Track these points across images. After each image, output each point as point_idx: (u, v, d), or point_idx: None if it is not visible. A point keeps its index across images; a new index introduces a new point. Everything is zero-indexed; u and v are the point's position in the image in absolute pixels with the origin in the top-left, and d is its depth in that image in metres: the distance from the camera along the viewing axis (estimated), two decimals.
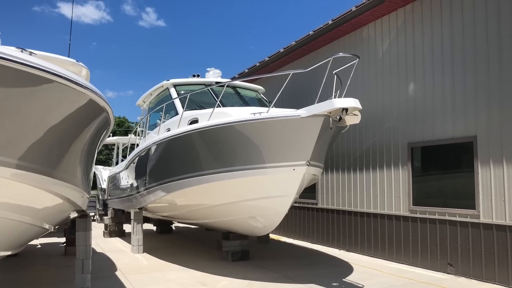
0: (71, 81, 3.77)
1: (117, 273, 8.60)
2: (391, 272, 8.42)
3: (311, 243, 12.18)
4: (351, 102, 6.54)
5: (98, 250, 11.70)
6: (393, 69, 9.67)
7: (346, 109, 6.60)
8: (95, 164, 24.52)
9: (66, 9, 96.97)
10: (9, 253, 5.53)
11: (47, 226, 5.87)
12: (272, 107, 7.67)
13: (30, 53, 4.60)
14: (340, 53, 7.11)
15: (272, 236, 13.26)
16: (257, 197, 7.97)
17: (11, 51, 3.15)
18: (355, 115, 7.03)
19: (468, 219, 7.82)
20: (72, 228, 10.55)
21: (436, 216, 8.44)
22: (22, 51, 3.73)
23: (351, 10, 10.00)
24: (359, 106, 6.66)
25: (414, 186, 9.04)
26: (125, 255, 10.79)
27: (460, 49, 8.15)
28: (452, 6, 8.36)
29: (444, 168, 8.58)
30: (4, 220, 4.45)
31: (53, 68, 3.56)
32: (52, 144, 4.33)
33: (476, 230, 7.69)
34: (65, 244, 11.08)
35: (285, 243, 12.60)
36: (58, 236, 13.34)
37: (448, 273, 8.14)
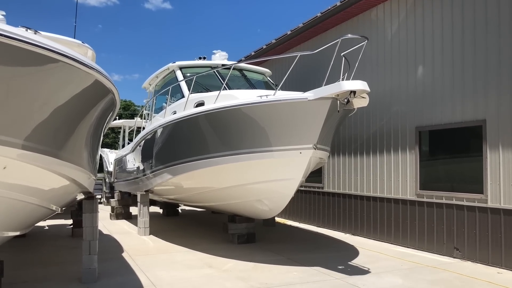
0: (76, 61, 3.72)
1: (123, 254, 8.67)
2: (397, 255, 8.42)
3: (317, 226, 12.20)
4: (359, 85, 6.46)
5: (105, 232, 11.79)
6: (402, 52, 9.52)
7: (354, 92, 6.54)
8: (102, 147, 24.66)
9: None
10: (17, 233, 5.56)
11: (54, 208, 5.88)
12: (279, 89, 7.60)
13: (35, 32, 4.55)
14: (349, 35, 7.00)
15: (278, 219, 13.30)
16: (264, 180, 7.95)
17: (16, 30, 3.10)
18: (363, 98, 6.95)
19: (476, 204, 7.77)
20: (79, 210, 10.63)
21: (443, 201, 8.39)
22: (27, 30, 3.68)
23: None
24: (368, 88, 6.58)
25: (422, 170, 8.97)
26: (132, 237, 10.87)
27: (470, 30, 7.99)
28: None
29: (452, 152, 8.50)
30: (11, 201, 4.46)
31: (59, 48, 3.51)
32: (58, 125, 4.31)
33: (484, 215, 7.65)
34: (72, 226, 11.18)
35: (291, 226, 12.63)
36: (65, 218, 13.45)
37: (454, 257, 8.13)
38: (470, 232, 7.89)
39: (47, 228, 12.69)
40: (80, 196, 6.93)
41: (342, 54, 7.12)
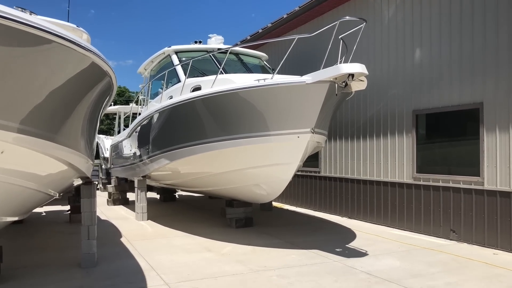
0: (73, 43, 3.67)
1: (122, 239, 8.69)
2: (394, 238, 8.49)
3: (314, 210, 12.27)
4: (358, 68, 6.43)
5: (103, 217, 11.80)
6: (399, 35, 9.48)
7: (352, 75, 6.50)
8: (97, 134, 24.47)
9: None
10: (15, 218, 5.55)
11: (52, 193, 5.86)
12: (276, 73, 7.54)
13: (31, 13, 4.48)
14: (347, 17, 6.94)
15: (275, 204, 13.35)
16: (261, 164, 7.95)
17: (12, 10, 3.04)
18: (361, 81, 6.92)
19: (472, 186, 7.82)
20: (76, 195, 10.62)
21: (440, 184, 8.44)
22: (22, 11, 3.62)
23: None
24: (366, 71, 6.55)
25: (418, 153, 9.00)
26: (130, 223, 10.89)
27: (468, 12, 7.95)
28: None
29: (449, 135, 8.52)
30: (9, 186, 4.44)
31: (55, 29, 3.45)
32: (54, 108, 4.26)
33: (480, 197, 7.70)
34: (69, 212, 11.17)
35: (287, 210, 12.69)
36: (63, 204, 13.45)
37: (451, 239, 8.21)
38: (466, 214, 7.95)
39: (44, 214, 12.68)
40: (78, 181, 6.91)
41: (340, 37, 7.06)
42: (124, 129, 18.01)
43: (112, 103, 34.37)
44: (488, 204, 7.57)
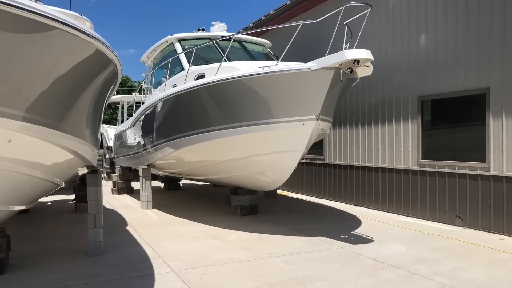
0: (77, 30, 3.64)
1: (128, 227, 8.73)
2: (399, 224, 8.50)
3: (318, 198, 12.28)
4: (363, 53, 6.37)
5: (108, 206, 11.85)
6: (404, 20, 9.38)
7: (357, 61, 6.45)
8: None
9: None
10: (22, 207, 5.57)
11: (58, 182, 5.88)
12: (280, 60, 7.49)
13: (36, 1, 4.44)
14: (352, 2, 6.86)
15: (279, 191, 13.37)
16: (266, 152, 7.93)
17: None
18: (366, 67, 6.87)
19: (478, 172, 7.80)
20: (82, 185, 10.66)
21: (445, 170, 8.42)
22: None
23: None
24: (371, 57, 6.50)
25: (424, 140, 8.97)
26: (135, 211, 10.93)
27: None
28: None
29: (454, 121, 8.47)
30: (16, 174, 4.44)
31: (60, 16, 3.42)
32: (59, 96, 4.25)
33: (486, 183, 7.68)
34: (75, 201, 11.22)
35: (292, 198, 12.71)
36: (68, 194, 13.51)
37: (456, 225, 8.21)
38: (472, 200, 7.94)
39: (49, 203, 12.74)
40: (84, 170, 6.92)
41: (345, 22, 6.98)
42: (127, 119, 18.01)
43: (115, 93, 34.37)
44: (494, 190, 7.55)
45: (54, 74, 3.93)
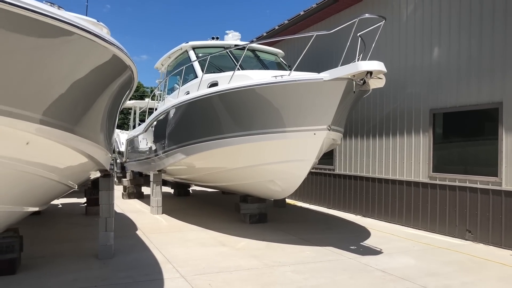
0: (95, 35, 3.73)
1: (138, 232, 8.80)
2: (409, 237, 8.45)
3: (327, 208, 12.25)
4: (376, 65, 6.40)
5: (118, 210, 11.94)
6: (418, 33, 9.40)
7: (370, 73, 6.48)
8: None
9: None
10: (36, 209, 5.66)
11: (71, 184, 5.97)
12: (293, 70, 7.55)
13: (59, 8, 4.56)
14: (366, 14, 6.91)
15: (288, 200, 13.36)
16: (277, 161, 7.97)
17: (42, 5, 3.12)
18: (379, 78, 6.90)
19: (490, 186, 7.75)
20: (93, 188, 10.78)
21: (456, 183, 8.37)
22: (51, 5, 3.69)
23: None
24: (384, 69, 6.53)
25: (435, 153, 8.94)
26: (145, 216, 11.00)
27: (489, 11, 7.86)
28: None
29: (466, 135, 8.44)
30: (32, 176, 4.53)
31: (79, 22, 3.52)
32: (76, 100, 4.34)
33: (497, 197, 7.63)
34: (85, 204, 11.33)
35: (301, 207, 12.70)
36: (79, 197, 13.64)
37: (466, 240, 8.15)
38: (483, 214, 7.88)
39: (60, 206, 12.88)
40: (96, 174, 7.01)
41: (358, 34, 7.03)
42: (139, 124, 18.18)
43: None
44: (506, 205, 7.49)
45: (72, 79, 4.03)
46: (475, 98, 8.08)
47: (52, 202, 10.95)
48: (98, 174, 7.05)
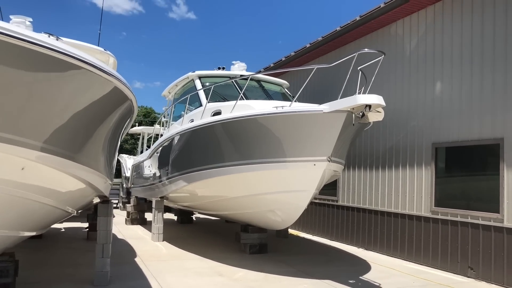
0: (96, 68, 3.84)
1: (136, 259, 8.77)
2: (410, 272, 8.32)
3: (330, 240, 12.13)
4: (375, 99, 6.47)
5: (120, 236, 11.93)
6: (420, 68, 9.50)
7: (369, 106, 6.54)
8: (121, 153, 24.97)
9: None
10: (33, 233, 5.70)
11: (70, 210, 6.02)
12: (295, 101, 7.65)
13: (57, 39, 4.71)
14: (365, 49, 7.03)
15: (291, 231, 13.26)
16: (277, 190, 7.98)
17: (39, 36, 3.23)
18: (378, 112, 6.95)
19: (492, 223, 7.65)
20: (95, 213, 10.78)
21: (458, 218, 8.28)
22: (49, 36, 3.83)
23: (380, 6, 9.85)
24: (383, 103, 6.58)
25: (437, 187, 8.88)
26: (145, 243, 10.98)
27: (490, 47, 7.94)
28: (484, 4, 8.14)
29: (468, 170, 8.40)
30: (29, 202, 4.59)
31: (79, 54, 3.63)
32: (77, 129, 4.43)
33: (499, 235, 7.52)
34: (87, 229, 11.35)
35: (303, 238, 12.59)
36: (82, 221, 13.67)
37: (468, 277, 8.00)
38: (485, 251, 7.76)
39: (63, 230, 12.90)
40: (96, 200, 7.06)
41: (358, 68, 7.14)
42: (146, 149, 18.33)
43: (137, 124, 35.07)
44: (508, 242, 7.38)
45: (73, 109, 4.13)
46: (477, 133, 8.07)
47: (54, 226, 10.99)
48: (98, 200, 7.10)
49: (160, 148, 11.41)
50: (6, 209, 4.37)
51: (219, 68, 11.69)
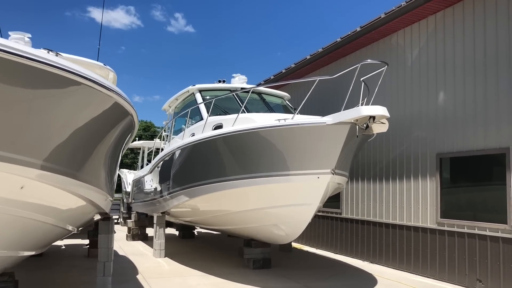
0: (96, 83, 3.77)
1: (138, 276, 8.61)
2: (417, 285, 8.16)
3: (334, 253, 11.96)
4: (379, 110, 6.38)
5: (121, 253, 11.77)
6: (423, 77, 9.44)
7: (373, 117, 6.46)
8: (120, 168, 24.82)
9: (96, 13, 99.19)
10: (33, 253, 5.58)
11: (70, 228, 5.90)
12: (297, 113, 7.57)
13: (56, 54, 4.64)
14: (368, 60, 6.97)
15: (294, 245, 13.09)
16: (280, 204, 7.86)
17: (38, 52, 3.16)
18: (382, 123, 6.87)
19: (499, 234, 7.52)
20: (96, 230, 10.63)
21: (465, 230, 8.15)
22: (48, 52, 3.76)
23: (380, 17, 9.83)
24: (387, 114, 6.50)
25: (443, 198, 8.76)
26: (147, 259, 10.82)
27: (493, 56, 7.89)
28: (486, 13, 8.11)
29: (474, 180, 8.29)
30: (28, 221, 4.49)
31: (79, 70, 3.56)
32: (77, 146, 4.35)
33: (508, 246, 7.38)
34: (88, 246, 11.19)
35: (307, 252, 12.42)
36: (82, 238, 13.50)
37: None
38: (493, 263, 7.61)
39: (64, 247, 12.74)
40: (97, 217, 6.95)
41: (361, 79, 7.08)
42: (147, 164, 18.21)
43: (137, 138, 35.06)
44: None
45: (73, 125, 4.05)
46: (482, 143, 7.98)
47: (55, 243, 10.85)
48: (98, 217, 6.99)
49: (161, 162, 11.31)
50: (5, 228, 4.26)
51: (219, 81, 11.64)
